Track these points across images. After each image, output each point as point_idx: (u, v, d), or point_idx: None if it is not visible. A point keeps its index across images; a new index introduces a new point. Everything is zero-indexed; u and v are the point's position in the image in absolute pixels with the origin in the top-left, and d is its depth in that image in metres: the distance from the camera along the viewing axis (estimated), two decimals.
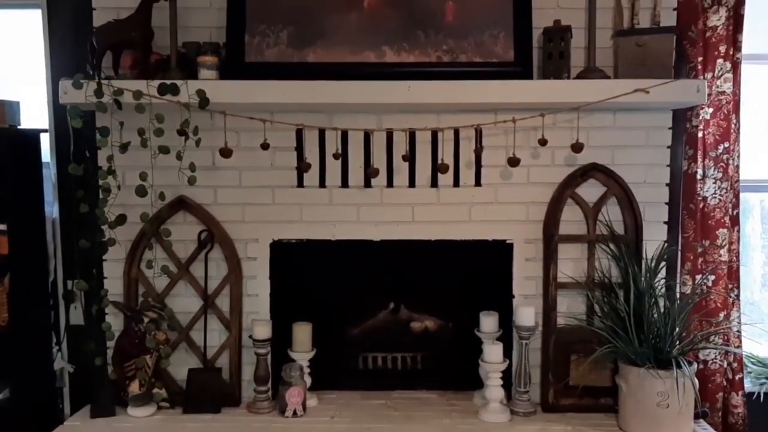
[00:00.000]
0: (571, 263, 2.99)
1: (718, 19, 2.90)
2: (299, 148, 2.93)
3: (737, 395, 3.02)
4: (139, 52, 2.78)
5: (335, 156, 2.83)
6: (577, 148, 2.79)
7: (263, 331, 2.90)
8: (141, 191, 2.72)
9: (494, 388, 2.85)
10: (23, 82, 3.24)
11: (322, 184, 2.96)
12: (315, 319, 3.01)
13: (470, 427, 2.78)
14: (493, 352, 2.85)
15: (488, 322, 2.96)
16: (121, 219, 2.78)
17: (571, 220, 2.98)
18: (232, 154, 2.77)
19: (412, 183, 2.98)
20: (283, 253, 3.02)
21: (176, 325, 2.94)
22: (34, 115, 3.20)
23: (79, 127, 2.68)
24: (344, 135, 2.90)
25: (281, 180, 2.96)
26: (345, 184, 2.97)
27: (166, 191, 2.85)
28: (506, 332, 2.98)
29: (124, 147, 2.74)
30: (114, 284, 2.97)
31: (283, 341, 2.98)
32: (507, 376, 2.94)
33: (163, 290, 2.97)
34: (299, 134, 2.91)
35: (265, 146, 2.76)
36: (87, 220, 2.78)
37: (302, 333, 2.96)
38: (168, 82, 2.69)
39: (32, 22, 3.19)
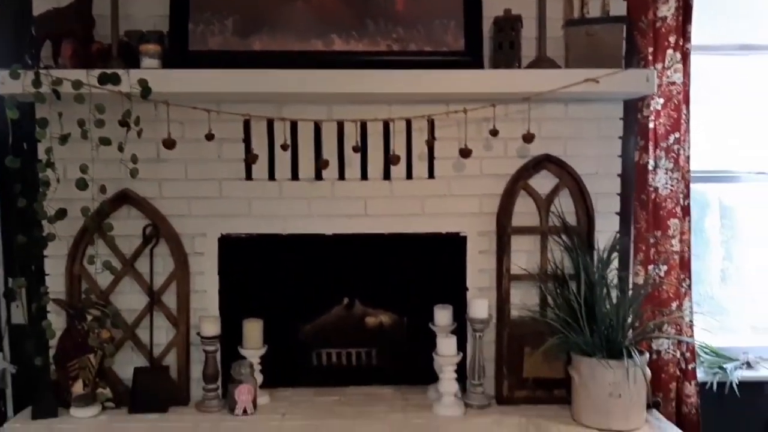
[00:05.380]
0: (524, 255, 2.97)
1: (667, 9, 2.90)
2: (247, 140, 2.86)
3: (690, 385, 3.02)
4: (80, 41, 2.70)
5: (283, 147, 2.77)
6: (528, 138, 2.77)
7: (211, 328, 2.82)
8: (81, 184, 2.63)
9: (448, 382, 2.81)
10: None
11: (271, 176, 2.90)
12: (267, 315, 2.94)
13: (423, 421, 2.74)
14: (446, 346, 2.82)
15: (442, 316, 2.92)
16: (61, 213, 2.68)
17: (524, 212, 2.96)
18: (176, 145, 2.70)
19: (364, 176, 2.94)
20: (232, 248, 2.95)
21: (120, 322, 2.86)
22: None
23: (16, 117, 2.58)
24: (293, 126, 2.84)
25: (229, 172, 2.90)
26: (295, 176, 2.91)
27: (109, 185, 2.76)
28: (461, 326, 2.95)
29: (63, 139, 2.65)
30: (56, 281, 2.87)
31: (233, 339, 2.91)
32: (462, 370, 2.92)
33: (107, 287, 2.89)
34: (246, 125, 2.85)
35: (209, 137, 2.69)
36: (27, 215, 2.68)
37: (252, 330, 2.89)
38: (109, 71, 2.61)
39: None
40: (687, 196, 3.01)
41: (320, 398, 2.96)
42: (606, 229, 2.95)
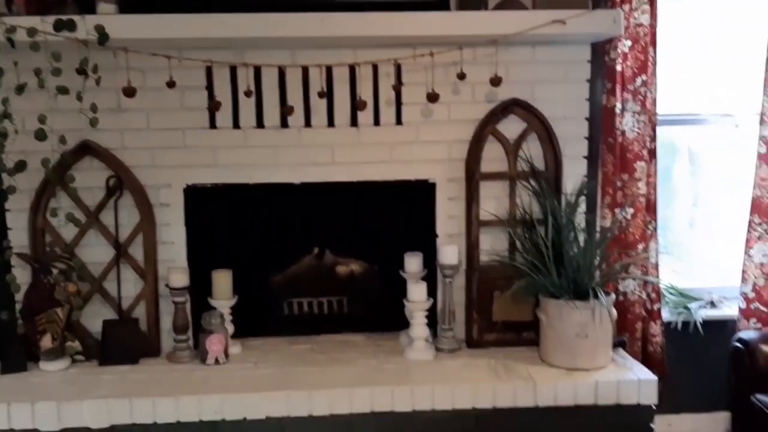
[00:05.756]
0: (493, 201, 2.98)
1: None
2: (209, 87, 2.81)
3: (656, 324, 3.08)
4: None
5: (247, 94, 2.71)
6: (495, 81, 2.74)
7: (180, 278, 2.81)
8: (40, 134, 2.55)
9: (419, 327, 2.84)
10: None
11: (236, 125, 2.86)
12: (237, 266, 2.93)
13: (395, 365, 2.77)
14: (417, 291, 2.83)
15: (412, 263, 2.93)
16: (21, 165, 2.61)
17: (493, 158, 2.96)
18: (137, 93, 2.63)
19: (331, 123, 2.91)
20: (198, 199, 2.92)
21: (87, 275, 2.82)
22: None
23: None
24: (257, 72, 2.78)
25: (192, 121, 2.84)
26: (260, 124, 2.87)
27: (70, 136, 2.68)
28: (431, 272, 2.96)
29: (20, 88, 2.56)
30: (19, 235, 2.82)
31: (203, 290, 2.89)
32: (432, 316, 2.94)
33: (72, 240, 2.85)
34: (209, 72, 2.79)
35: (171, 84, 2.62)
36: None
37: (222, 280, 2.88)
38: (64, 17, 2.52)
39: None
40: (653, 139, 3.02)
41: (292, 347, 2.98)
42: (574, 173, 2.96)
